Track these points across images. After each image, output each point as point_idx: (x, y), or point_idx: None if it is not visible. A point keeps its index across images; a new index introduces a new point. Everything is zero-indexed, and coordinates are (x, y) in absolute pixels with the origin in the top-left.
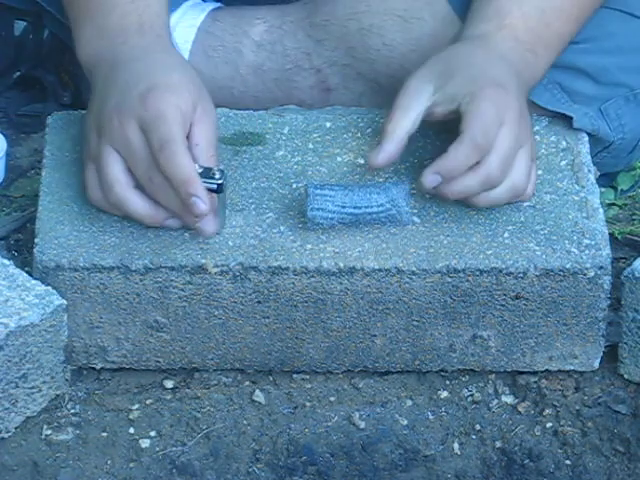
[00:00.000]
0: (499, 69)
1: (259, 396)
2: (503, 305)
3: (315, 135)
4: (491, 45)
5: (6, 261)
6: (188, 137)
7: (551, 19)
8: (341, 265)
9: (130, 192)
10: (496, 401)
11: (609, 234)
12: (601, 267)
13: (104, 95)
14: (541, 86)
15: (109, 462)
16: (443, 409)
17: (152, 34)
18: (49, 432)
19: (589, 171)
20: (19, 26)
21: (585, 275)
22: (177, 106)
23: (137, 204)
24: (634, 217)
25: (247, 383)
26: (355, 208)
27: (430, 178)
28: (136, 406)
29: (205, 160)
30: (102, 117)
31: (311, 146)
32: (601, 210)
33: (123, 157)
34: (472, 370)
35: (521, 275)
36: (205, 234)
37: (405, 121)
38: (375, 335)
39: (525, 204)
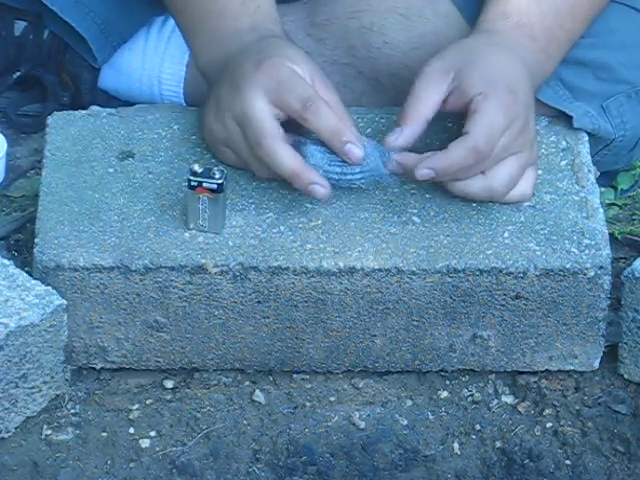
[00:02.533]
0: (515, 73)
1: (259, 396)
2: (503, 305)
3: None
4: (509, 44)
5: (6, 261)
6: None
7: (565, 19)
8: (341, 265)
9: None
10: (496, 401)
11: (609, 234)
12: (601, 267)
13: (217, 86)
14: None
15: (109, 462)
16: (443, 409)
17: (263, 28)
18: (49, 432)
19: (589, 171)
20: (19, 26)
21: (585, 275)
22: (296, 72)
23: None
24: (634, 217)
25: (247, 383)
26: (338, 173)
27: (424, 171)
28: (136, 406)
29: (339, 114)
30: (220, 100)
31: None
32: (601, 210)
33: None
34: (472, 370)
35: (521, 275)
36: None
37: (425, 107)
38: (375, 335)
39: (525, 204)
